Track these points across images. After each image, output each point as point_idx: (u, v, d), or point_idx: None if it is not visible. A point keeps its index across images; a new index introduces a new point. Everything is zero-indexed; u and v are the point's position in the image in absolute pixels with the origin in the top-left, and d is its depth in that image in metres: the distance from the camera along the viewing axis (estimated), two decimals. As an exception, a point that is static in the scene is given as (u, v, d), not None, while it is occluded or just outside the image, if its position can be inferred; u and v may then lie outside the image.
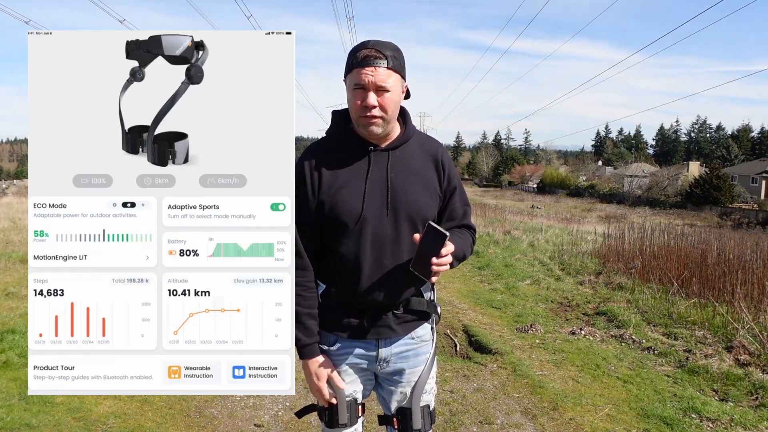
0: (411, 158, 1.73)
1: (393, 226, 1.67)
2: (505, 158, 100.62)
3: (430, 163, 1.76)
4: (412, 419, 1.75)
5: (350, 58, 1.62)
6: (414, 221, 1.69)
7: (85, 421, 3.26)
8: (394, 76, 1.61)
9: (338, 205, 1.66)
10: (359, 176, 1.68)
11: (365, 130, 1.64)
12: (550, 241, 11.93)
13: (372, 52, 1.58)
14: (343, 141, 1.72)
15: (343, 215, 1.65)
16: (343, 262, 1.68)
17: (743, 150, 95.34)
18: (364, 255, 1.66)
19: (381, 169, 1.69)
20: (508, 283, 7.74)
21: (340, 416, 1.72)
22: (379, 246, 1.66)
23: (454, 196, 1.80)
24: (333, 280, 1.73)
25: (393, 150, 1.71)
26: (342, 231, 1.67)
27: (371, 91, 1.59)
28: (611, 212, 36.71)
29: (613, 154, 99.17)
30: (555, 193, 63.70)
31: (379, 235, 1.66)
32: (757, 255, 6.92)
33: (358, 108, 1.61)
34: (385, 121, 1.64)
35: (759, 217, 35.68)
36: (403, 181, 1.69)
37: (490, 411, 3.55)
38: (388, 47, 1.61)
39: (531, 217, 23.67)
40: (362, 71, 1.58)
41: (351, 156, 1.70)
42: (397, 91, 1.64)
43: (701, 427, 3.36)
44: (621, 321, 5.57)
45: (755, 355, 4.41)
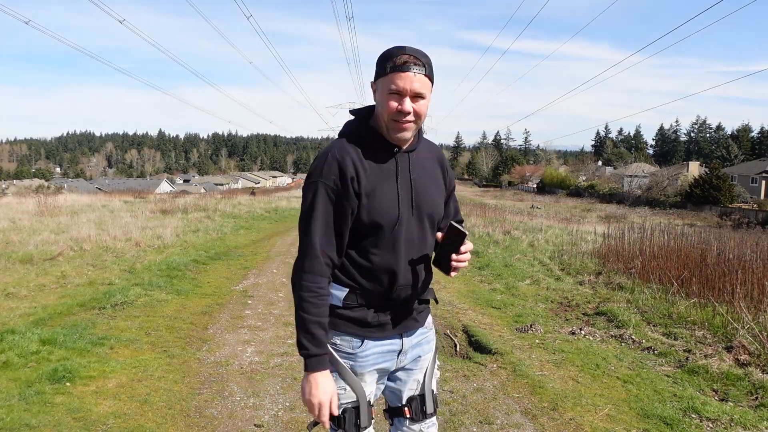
0: (425, 160, 1.81)
1: (418, 226, 1.74)
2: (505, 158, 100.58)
3: (437, 164, 1.85)
4: (426, 404, 1.83)
5: (386, 62, 1.61)
6: (433, 219, 1.79)
7: (85, 421, 3.26)
8: (428, 83, 1.65)
9: (376, 208, 1.65)
10: (390, 179, 1.70)
11: (396, 134, 1.66)
12: (550, 241, 11.91)
13: (411, 59, 1.60)
14: (370, 143, 1.70)
15: (382, 218, 1.66)
16: (379, 264, 1.68)
17: (743, 150, 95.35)
18: (400, 255, 1.71)
19: (405, 171, 1.73)
20: (508, 283, 7.73)
21: (362, 419, 1.71)
22: (410, 246, 1.73)
23: (452, 195, 1.96)
24: (365, 282, 1.70)
25: (411, 152, 1.76)
26: (379, 233, 1.67)
27: (408, 97, 1.61)
28: (611, 212, 36.70)
29: (612, 154, 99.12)
30: (555, 193, 63.70)
31: (409, 235, 1.72)
32: (757, 255, 6.90)
33: (393, 112, 1.62)
34: (417, 126, 1.68)
35: (759, 217, 35.66)
36: (422, 182, 1.76)
37: (490, 411, 3.55)
38: (424, 55, 1.64)
39: (531, 217, 23.65)
40: (401, 76, 1.59)
41: (378, 158, 1.70)
42: (429, 98, 1.68)
43: (701, 427, 3.36)
44: (621, 321, 5.56)
45: (755, 355, 4.41)
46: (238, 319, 5.69)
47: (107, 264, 8.42)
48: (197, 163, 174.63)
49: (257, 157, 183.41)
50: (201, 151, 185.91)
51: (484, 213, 22.05)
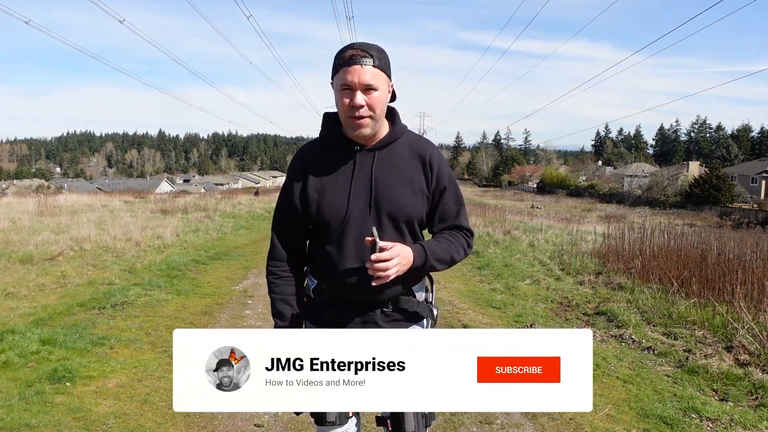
0: (397, 158, 1.74)
1: (376, 225, 1.68)
2: (505, 158, 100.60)
3: (417, 163, 1.75)
4: (404, 422, 1.71)
5: (336, 60, 1.63)
6: (397, 220, 1.71)
7: (85, 421, 3.26)
8: (380, 74, 1.62)
9: (324, 205, 1.70)
10: (345, 177, 1.71)
11: (354, 132, 1.66)
12: (550, 241, 11.91)
13: (357, 52, 1.60)
14: (332, 143, 1.75)
15: (328, 215, 1.70)
16: (329, 260, 1.73)
17: (743, 150, 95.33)
18: (347, 253, 1.69)
19: (366, 169, 1.71)
20: (507, 283, 7.73)
21: (327, 415, 1.72)
22: (362, 244, 1.67)
23: (445, 196, 1.79)
24: (324, 277, 1.77)
25: (379, 150, 1.73)
26: (327, 230, 1.72)
27: (359, 91, 1.60)
28: (611, 212, 36.69)
29: (613, 154, 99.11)
30: (555, 193, 63.70)
31: (362, 234, 1.67)
32: (757, 255, 6.90)
33: (346, 108, 1.63)
34: (374, 120, 1.65)
35: (759, 217, 35.67)
36: (387, 180, 1.71)
37: (490, 411, 3.55)
38: (374, 47, 1.63)
39: (531, 217, 23.65)
40: (348, 70, 1.59)
41: (338, 157, 1.73)
42: (384, 90, 1.65)
43: (701, 427, 3.36)
44: (621, 321, 5.56)
45: (755, 354, 4.40)
46: (238, 319, 5.69)
47: (107, 264, 8.42)
48: (197, 163, 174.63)
49: (257, 157, 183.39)
50: (201, 151, 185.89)
51: (484, 213, 22.05)
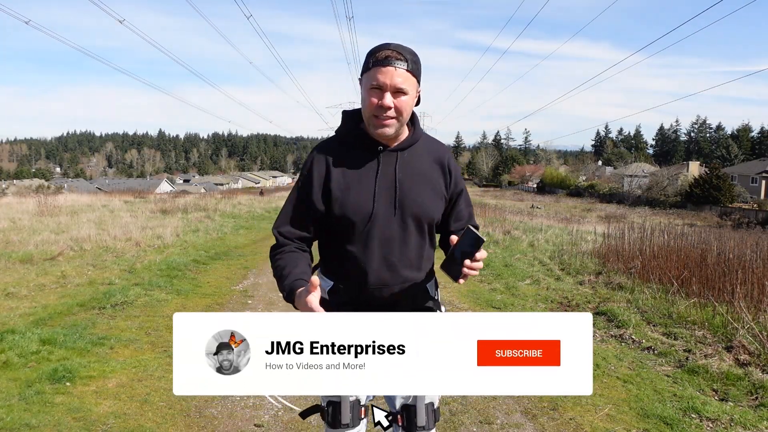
0: (418, 160, 1.75)
1: (400, 226, 1.69)
2: (505, 158, 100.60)
3: (436, 166, 1.78)
4: (417, 416, 1.75)
5: (369, 58, 1.62)
6: (420, 221, 1.72)
7: (85, 421, 3.26)
8: (411, 79, 1.62)
9: (348, 204, 1.68)
10: (369, 176, 1.70)
11: (377, 130, 1.66)
12: (550, 241, 11.91)
13: (393, 53, 1.59)
14: (353, 141, 1.73)
15: (353, 215, 1.68)
16: (352, 261, 1.71)
17: (743, 150, 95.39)
18: (373, 254, 1.69)
19: (389, 169, 1.71)
20: (508, 283, 7.73)
21: (342, 416, 1.72)
22: (387, 245, 1.69)
23: (460, 198, 1.85)
24: (341, 278, 1.76)
25: (401, 151, 1.73)
26: (351, 230, 1.70)
27: (388, 92, 1.60)
28: (611, 212, 36.70)
29: (612, 154, 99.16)
30: (555, 193, 63.72)
31: (387, 235, 1.68)
32: (757, 255, 6.90)
33: (373, 107, 1.62)
34: (399, 123, 1.65)
35: (759, 217, 35.67)
36: (410, 182, 1.71)
37: (490, 411, 3.55)
38: (409, 51, 1.63)
39: (531, 217, 23.65)
40: (381, 70, 1.59)
41: (360, 156, 1.72)
42: (413, 95, 1.65)
43: (701, 427, 3.36)
44: (621, 321, 5.56)
45: (755, 354, 4.40)
46: (238, 319, 5.69)
47: (107, 264, 8.42)
48: (197, 163, 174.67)
49: (257, 157, 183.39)
50: (201, 151, 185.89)
51: (484, 213, 22.05)
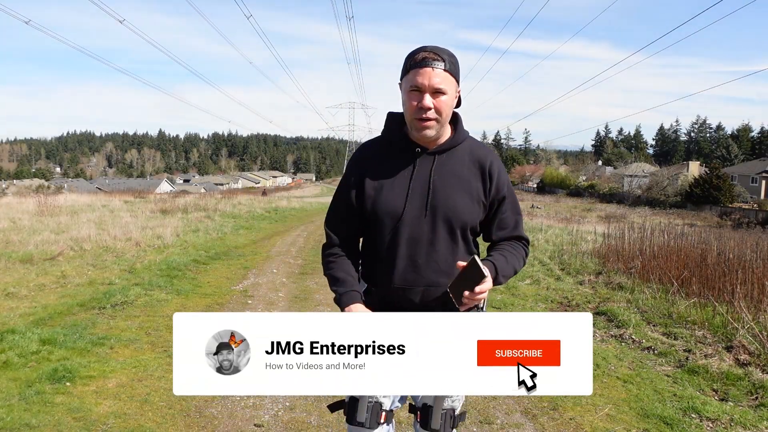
0: (457, 163, 1.75)
1: (430, 228, 1.70)
2: (505, 158, 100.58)
3: (476, 170, 1.76)
4: (431, 418, 1.75)
5: (408, 61, 1.65)
6: (452, 225, 1.71)
7: (85, 421, 3.26)
8: (450, 79, 1.63)
9: (380, 203, 1.71)
10: (404, 177, 1.72)
11: (419, 133, 1.67)
12: (550, 241, 11.91)
13: (430, 55, 1.61)
14: (394, 143, 1.76)
15: (383, 213, 1.71)
16: (381, 261, 1.75)
17: (743, 150, 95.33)
18: (399, 253, 1.71)
19: (425, 171, 1.72)
20: (508, 282, 7.73)
21: (358, 414, 1.72)
22: (414, 246, 1.70)
23: (503, 205, 1.80)
24: (373, 279, 1.79)
25: (440, 154, 1.74)
26: (380, 228, 1.73)
27: (427, 93, 1.61)
28: (611, 212, 36.68)
29: (613, 154, 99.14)
30: (555, 193, 63.69)
31: (415, 235, 1.70)
32: (757, 255, 6.90)
33: (413, 110, 1.64)
34: (440, 123, 1.66)
35: (759, 217, 35.67)
36: (445, 184, 1.72)
37: (490, 411, 3.55)
38: (445, 52, 1.65)
39: (531, 216, 23.65)
40: (419, 72, 1.60)
41: (399, 157, 1.74)
42: (452, 95, 1.66)
43: (701, 427, 3.36)
44: (621, 321, 5.56)
45: (755, 354, 4.40)
46: (238, 319, 5.68)
47: (107, 264, 8.42)
48: (197, 163, 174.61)
49: (257, 157, 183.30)
50: (201, 151, 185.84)
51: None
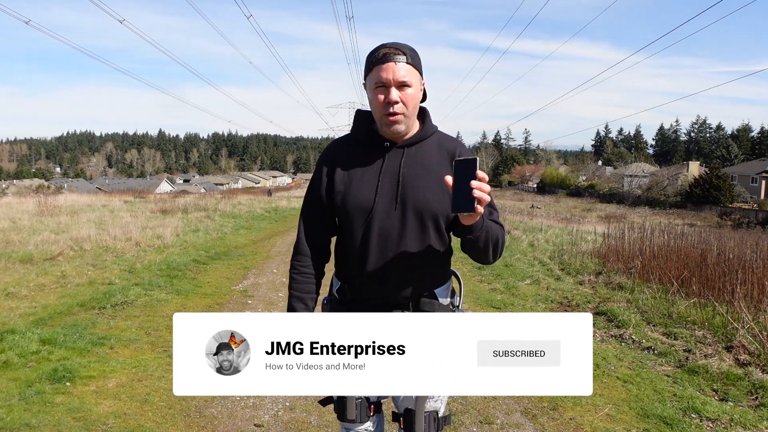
0: (426, 155, 1.75)
1: (400, 221, 1.70)
2: (505, 158, 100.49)
3: (445, 161, 1.74)
4: (414, 423, 1.73)
5: (369, 59, 1.66)
6: (423, 217, 1.71)
7: (85, 421, 3.26)
8: (413, 72, 1.65)
9: (350, 197, 1.72)
10: (373, 171, 1.72)
11: (389, 128, 1.67)
12: (550, 241, 11.91)
13: (391, 50, 1.63)
14: (362, 139, 1.77)
15: (353, 208, 1.71)
16: (351, 253, 1.75)
17: (743, 150, 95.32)
18: (371, 246, 1.71)
19: (394, 164, 1.72)
20: (508, 283, 7.73)
21: (348, 412, 1.75)
22: (385, 239, 1.70)
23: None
24: (345, 278, 1.80)
25: (409, 147, 1.74)
26: (351, 223, 1.73)
27: (393, 87, 1.62)
28: (611, 212, 36.68)
29: (613, 154, 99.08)
30: (555, 193, 63.68)
31: (385, 229, 1.69)
32: (757, 255, 6.90)
33: (381, 106, 1.64)
34: (407, 117, 1.67)
35: (759, 217, 35.67)
36: (415, 177, 1.71)
37: (490, 411, 3.55)
38: (406, 46, 1.67)
39: (531, 216, 23.65)
40: (383, 68, 1.62)
41: (368, 152, 1.75)
42: (417, 87, 1.67)
43: (701, 427, 3.36)
44: (621, 321, 5.56)
45: (755, 354, 4.41)
46: (238, 319, 5.68)
47: (107, 264, 8.42)
48: (197, 163, 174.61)
49: (257, 157, 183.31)
50: (201, 151, 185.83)
51: (484, 213, 22.01)
